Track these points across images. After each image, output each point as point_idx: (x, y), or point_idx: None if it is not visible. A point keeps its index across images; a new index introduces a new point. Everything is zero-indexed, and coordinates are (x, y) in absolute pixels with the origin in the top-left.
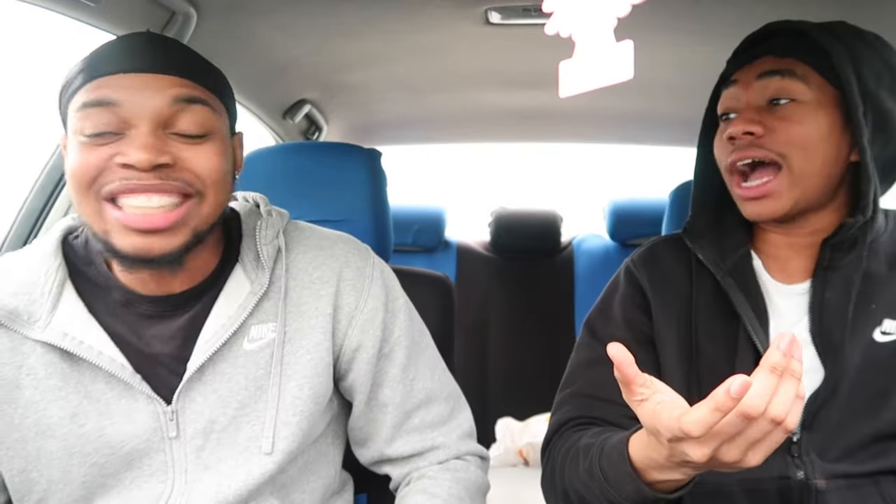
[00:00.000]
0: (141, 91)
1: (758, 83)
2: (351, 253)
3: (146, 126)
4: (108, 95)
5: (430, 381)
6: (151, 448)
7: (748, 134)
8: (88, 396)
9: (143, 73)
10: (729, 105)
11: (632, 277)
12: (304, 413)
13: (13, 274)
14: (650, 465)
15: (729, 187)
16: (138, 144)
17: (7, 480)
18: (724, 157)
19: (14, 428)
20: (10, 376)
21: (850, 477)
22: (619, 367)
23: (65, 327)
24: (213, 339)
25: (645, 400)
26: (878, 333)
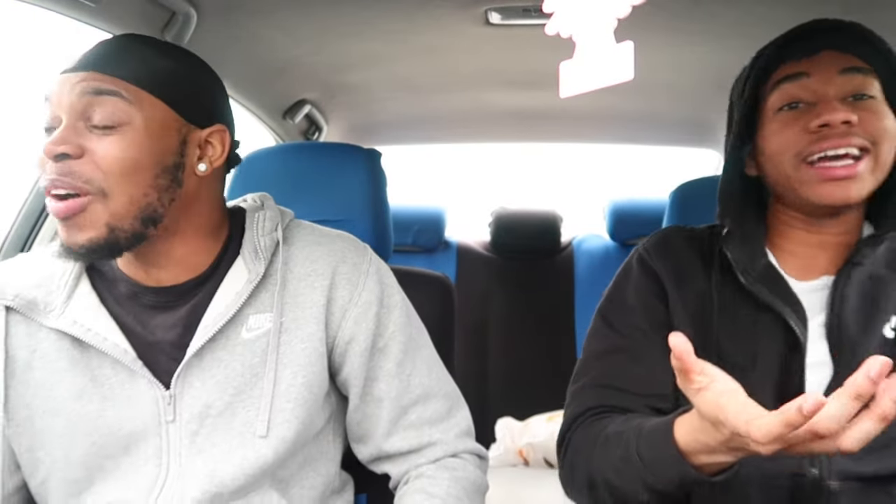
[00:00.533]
0: (60, 87)
1: (841, 78)
2: (348, 249)
3: (67, 119)
4: (45, 94)
5: (427, 379)
6: (149, 431)
7: (846, 123)
8: (94, 380)
9: (68, 72)
10: (801, 96)
11: (646, 265)
12: (297, 400)
13: (36, 269)
14: (699, 450)
15: (792, 175)
16: (52, 137)
17: (19, 458)
18: (796, 145)
19: (25, 406)
20: (24, 359)
21: (864, 480)
22: (679, 357)
23: (76, 316)
24: (211, 325)
25: (703, 389)
26: (888, 329)
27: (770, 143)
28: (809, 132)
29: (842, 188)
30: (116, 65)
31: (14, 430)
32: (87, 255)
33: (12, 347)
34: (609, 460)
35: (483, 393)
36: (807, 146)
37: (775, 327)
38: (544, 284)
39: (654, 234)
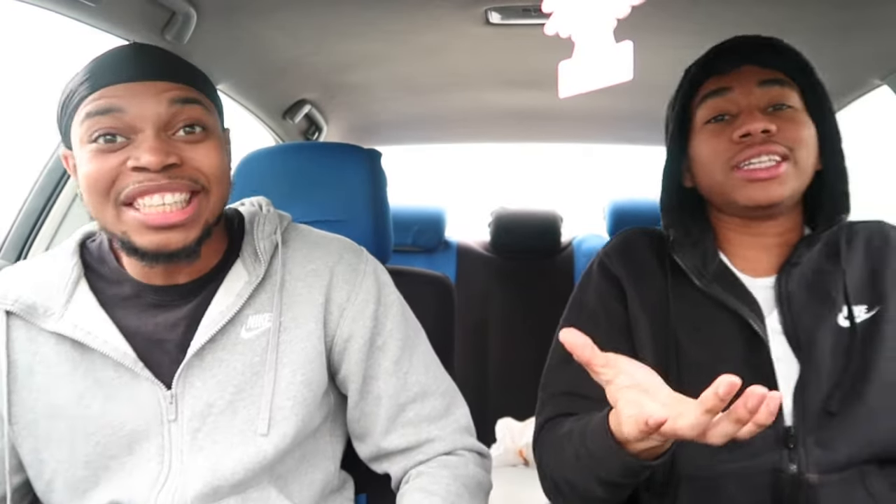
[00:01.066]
0: (141, 97)
1: (759, 90)
2: (345, 251)
3: (150, 130)
4: (113, 103)
5: (425, 377)
6: (151, 430)
7: (765, 131)
8: (96, 382)
9: (141, 81)
10: (726, 108)
11: (605, 269)
12: (297, 398)
13: (35, 273)
14: (630, 437)
15: (721, 181)
16: (146, 147)
17: (23, 460)
18: (723, 154)
19: (28, 409)
20: (25, 363)
21: (843, 469)
22: (572, 350)
23: (76, 319)
24: (211, 325)
25: (610, 382)
26: (842, 319)
27: (701, 153)
28: (734, 142)
29: (765, 189)
30: (190, 76)
31: (19, 434)
32: (185, 255)
33: (13, 352)
34: (566, 460)
35: (483, 393)
36: (733, 155)
37: (734, 325)
38: (544, 284)
39: (615, 238)
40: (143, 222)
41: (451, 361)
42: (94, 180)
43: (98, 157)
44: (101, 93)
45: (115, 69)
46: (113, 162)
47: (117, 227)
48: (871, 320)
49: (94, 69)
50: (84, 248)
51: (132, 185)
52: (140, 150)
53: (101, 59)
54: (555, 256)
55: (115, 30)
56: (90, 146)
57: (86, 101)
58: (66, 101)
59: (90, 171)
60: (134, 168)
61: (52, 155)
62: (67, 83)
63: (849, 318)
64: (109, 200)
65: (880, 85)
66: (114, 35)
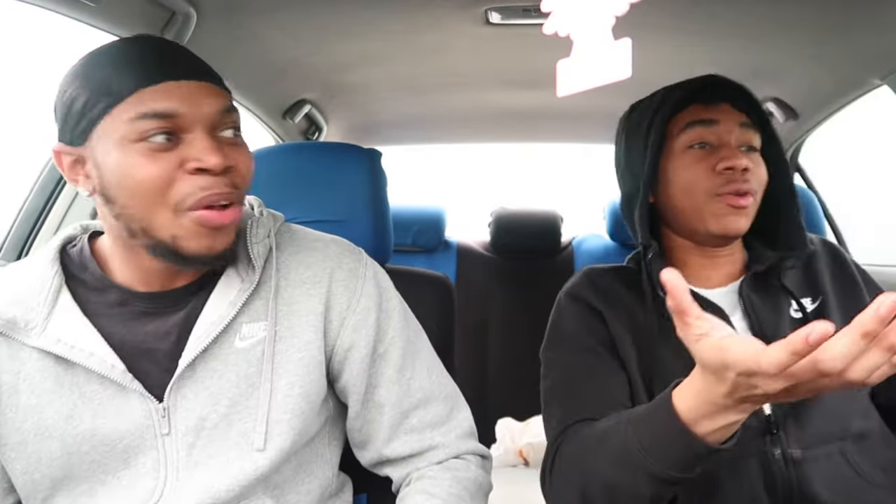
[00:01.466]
0: (195, 98)
1: (739, 130)
2: (343, 254)
3: (201, 131)
4: (166, 104)
5: (427, 382)
6: (145, 445)
7: (745, 170)
8: (83, 397)
9: (189, 80)
10: (708, 139)
11: (574, 297)
12: (295, 411)
13: (12, 284)
14: (702, 414)
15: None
16: (205, 148)
17: (14, 482)
18: (705, 181)
19: (16, 431)
20: (9, 382)
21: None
22: (672, 294)
23: (58, 333)
24: (203, 336)
25: (704, 334)
26: (792, 312)
27: (680, 177)
28: (717, 172)
29: (736, 220)
30: (219, 78)
31: (8, 455)
32: (219, 260)
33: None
34: (607, 456)
35: (483, 393)
36: (716, 185)
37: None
38: (544, 284)
39: (574, 277)
40: (201, 222)
41: (451, 362)
42: (151, 182)
43: (151, 157)
44: (148, 92)
45: (162, 66)
46: (169, 163)
47: (167, 230)
48: (818, 309)
49: (130, 64)
50: (64, 255)
51: (199, 192)
52: (197, 150)
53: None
54: (555, 256)
55: (115, 30)
56: (139, 145)
57: (133, 98)
58: (92, 97)
59: (144, 173)
60: (196, 170)
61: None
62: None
63: (799, 309)
64: (165, 204)
65: (880, 85)
66: (114, 35)
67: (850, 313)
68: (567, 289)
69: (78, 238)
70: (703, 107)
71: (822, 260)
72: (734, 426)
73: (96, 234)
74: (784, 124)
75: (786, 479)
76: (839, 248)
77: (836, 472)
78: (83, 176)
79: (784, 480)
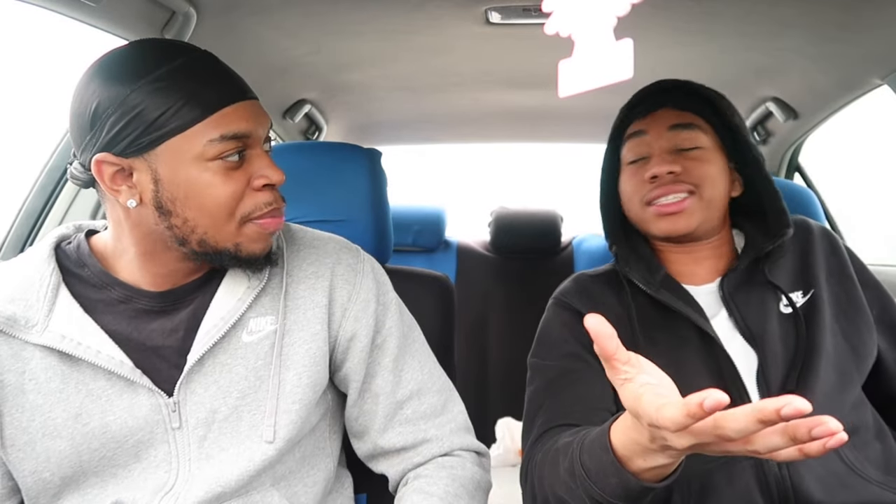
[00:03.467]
0: (259, 117)
1: (669, 133)
2: (342, 250)
3: (260, 148)
4: (244, 125)
5: (420, 373)
6: (156, 439)
7: (671, 173)
8: (90, 395)
9: (252, 99)
10: (640, 151)
11: (562, 303)
12: (302, 401)
13: (8, 281)
14: (634, 452)
15: (639, 215)
16: (267, 165)
17: (20, 482)
18: (638, 192)
19: (23, 431)
20: (14, 382)
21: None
22: (598, 341)
23: (62, 329)
24: (212, 331)
25: (629, 380)
26: (781, 307)
27: (624, 190)
28: (646, 182)
29: (673, 222)
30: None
31: (16, 456)
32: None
33: (0, 372)
34: (559, 476)
35: (483, 393)
36: (646, 193)
37: (689, 330)
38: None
39: (565, 282)
40: (263, 229)
41: (451, 361)
42: (228, 199)
43: (228, 175)
44: (230, 112)
45: (231, 87)
46: (241, 181)
47: (232, 240)
48: (809, 303)
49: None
50: (59, 252)
51: (264, 206)
52: (260, 167)
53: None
54: (555, 256)
55: (115, 30)
56: (215, 163)
57: (211, 119)
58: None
59: (220, 192)
60: (263, 186)
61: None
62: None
63: (789, 304)
64: (234, 218)
65: (880, 85)
66: (114, 35)
67: (841, 309)
68: (556, 295)
69: (72, 236)
70: (639, 120)
71: (819, 251)
72: (666, 468)
73: (91, 233)
74: (784, 124)
75: (779, 478)
76: (837, 240)
77: (829, 468)
78: (126, 186)
79: (777, 480)
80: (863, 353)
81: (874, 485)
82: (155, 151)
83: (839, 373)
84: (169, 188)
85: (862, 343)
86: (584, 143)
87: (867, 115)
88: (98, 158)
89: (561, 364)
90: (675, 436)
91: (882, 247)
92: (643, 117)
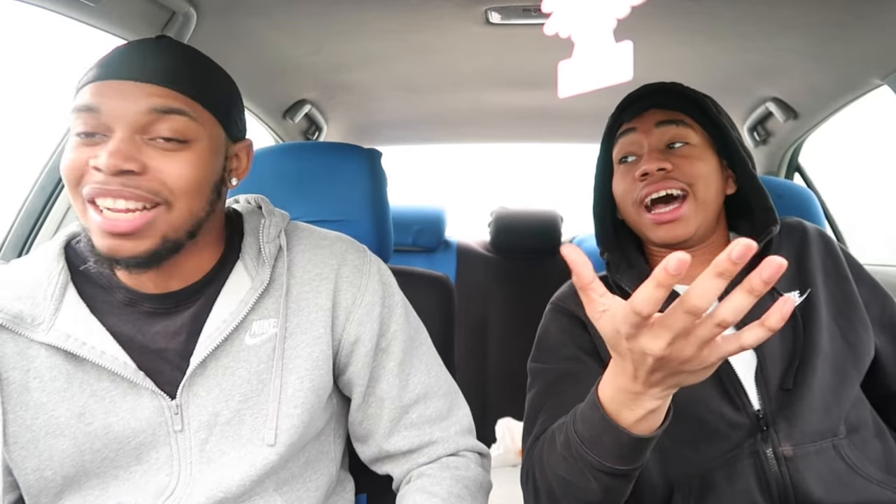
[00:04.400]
0: (119, 98)
1: (657, 130)
2: (349, 251)
3: (122, 132)
4: (90, 101)
5: (427, 377)
6: (158, 441)
7: (661, 170)
8: (94, 395)
9: (123, 80)
10: (630, 149)
11: (559, 308)
12: (305, 405)
13: (18, 279)
14: (622, 403)
15: (636, 219)
16: (109, 149)
17: (21, 480)
18: (631, 192)
19: (26, 429)
20: (19, 380)
21: (815, 440)
22: (574, 268)
23: (68, 329)
24: (215, 334)
25: (606, 310)
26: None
27: (616, 191)
28: (637, 180)
29: (671, 230)
30: (185, 82)
31: (18, 454)
32: (135, 265)
33: (4, 369)
34: (556, 453)
35: (483, 393)
36: (637, 192)
37: None
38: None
39: (562, 287)
40: (100, 225)
41: (451, 361)
42: (66, 171)
43: (74, 149)
44: (87, 88)
45: (105, 66)
46: (82, 157)
47: (84, 222)
48: (806, 303)
49: (96, 63)
50: (70, 250)
51: (91, 184)
52: (104, 150)
53: (107, 54)
54: (555, 256)
55: (115, 30)
56: (74, 139)
57: (76, 95)
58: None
59: (64, 162)
60: (93, 167)
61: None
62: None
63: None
64: (77, 193)
65: (880, 85)
66: (114, 35)
67: (838, 309)
68: (553, 300)
69: (82, 234)
70: (628, 121)
71: (814, 251)
72: (657, 414)
73: None
74: (784, 124)
75: (779, 477)
76: (832, 240)
77: (829, 467)
78: None
79: (777, 479)
80: (860, 352)
81: (874, 484)
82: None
83: (837, 371)
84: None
85: (859, 341)
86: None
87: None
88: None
89: (560, 367)
90: (652, 336)
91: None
92: (631, 119)
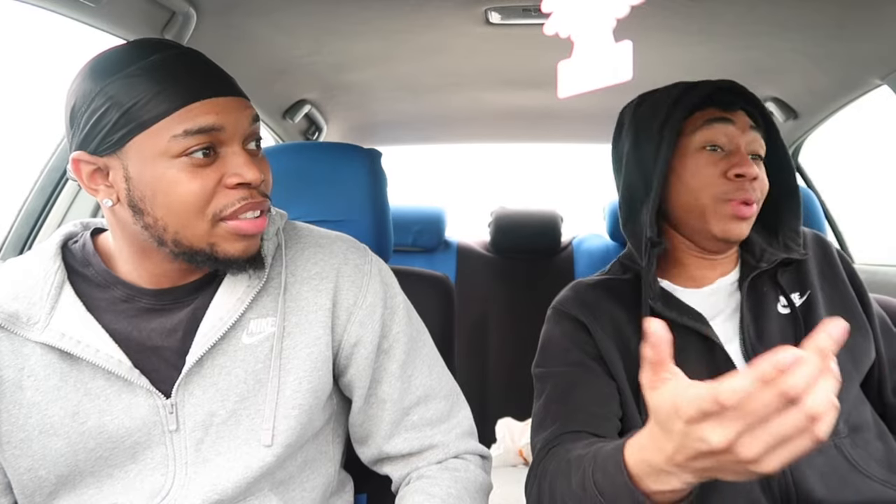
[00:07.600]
0: (233, 113)
1: (751, 133)
2: (349, 251)
3: (237, 146)
4: (212, 120)
5: (429, 379)
6: (153, 441)
7: (754, 179)
8: (88, 394)
9: (228, 96)
10: (721, 141)
11: (562, 313)
12: (303, 407)
13: (14, 279)
14: (647, 473)
15: (709, 209)
16: (243, 163)
17: (15, 480)
18: (714, 186)
19: (19, 428)
20: (12, 378)
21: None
22: (655, 345)
23: (63, 327)
24: (211, 333)
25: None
26: (779, 308)
27: (691, 177)
28: (727, 178)
29: (740, 227)
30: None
31: (11, 454)
32: (253, 262)
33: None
34: (570, 488)
35: (483, 393)
36: (725, 190)
37: (688, 332)
38: (544, 284)
39: (563, 291)
40: (237, 231)
41: (451, 362)
42: (195, 197)
43: (195, 172)
44: (194, 108)
45: (203, 82)
46: (211, 178)
47: (205, 239)
48: (806, 304)
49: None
50: (66, 251)
51: (237, 202)
52: (235, 165)
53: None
54: (555, 256)
55: (115, 30)
56: (181, 160)
57: (177, 115)
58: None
59: (188, 188)
60: (236, 185)
61: (52, 155)
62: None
63: (787, 305)
64: (205, 216)
65: (880, 85)
66: (114, 35)
67: (835, 309)
68: (555, 304)
69: (79, 234)
70: (719, 109)
71: (811, 256)
72: (680, 493)
73: (98, 231)
74: (784, 124)
75: (780, 475)
76: (828, 243)
77: (832, 466)
78: (104, 185)
79: (779, 479)
80: (858, 354)
81: (877, 482)
82: (125, 149)
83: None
84: (138, 186)
85: (856, 343)
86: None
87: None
88: (75, 157)
89: (565, 372)
90: (719, 426)
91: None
92: (725, 108)
